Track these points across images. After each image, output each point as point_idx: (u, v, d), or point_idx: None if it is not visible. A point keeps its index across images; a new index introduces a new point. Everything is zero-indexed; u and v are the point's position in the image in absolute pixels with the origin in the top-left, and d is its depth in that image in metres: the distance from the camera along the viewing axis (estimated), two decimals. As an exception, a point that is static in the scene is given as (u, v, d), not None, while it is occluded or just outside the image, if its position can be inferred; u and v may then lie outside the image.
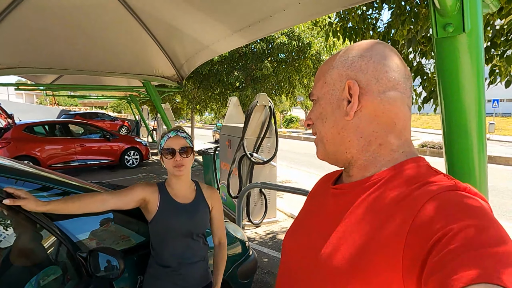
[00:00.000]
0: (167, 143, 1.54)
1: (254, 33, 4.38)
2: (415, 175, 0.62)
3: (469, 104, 1.30)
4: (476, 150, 1.36)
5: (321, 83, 0.72)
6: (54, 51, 6.21)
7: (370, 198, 0.62)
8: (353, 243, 0.58)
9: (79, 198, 1.36)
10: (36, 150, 7.91)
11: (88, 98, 20.25)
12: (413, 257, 0.49)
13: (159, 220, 1.54)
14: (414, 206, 0.54)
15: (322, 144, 0.74)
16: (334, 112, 0.69)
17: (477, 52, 1.24)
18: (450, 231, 0.47)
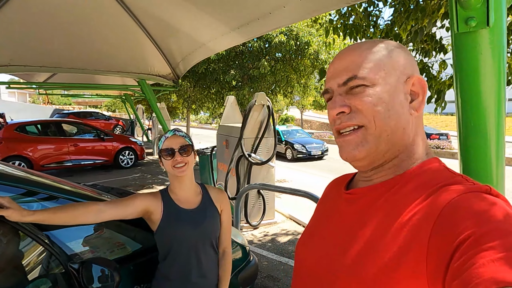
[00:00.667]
0: (165, 143, 1.45)
1: (253, 31, 4.28)
2: (434, 177, 0.60)
3: (488, 104, 1.22)
4: (494, 153, 1.28)
5: (375, 67, 0.63)
6: (47, 49, 6.08)
7: (388, 202, 0.60)
8: (374, 251, 0.56)
9: (71, 208, 1.25)
10: (28, 150, 7.74)
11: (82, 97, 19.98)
12: (436, 261, 0.48)
13: (163, 229, 1.43)
14: (435, 209, 0.52)
15: (375, 139, 0.63)
16: (401, 105, 0.63)
17: (500, 48, 1.16)
18: (473, 234, 0.45)
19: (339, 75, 0.65)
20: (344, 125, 0.64)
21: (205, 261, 1.48)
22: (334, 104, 0.64)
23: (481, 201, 0.50)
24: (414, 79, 0.66)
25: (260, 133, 4.65)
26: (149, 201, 1.44)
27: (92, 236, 1.59)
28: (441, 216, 0.51)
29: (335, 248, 0.64)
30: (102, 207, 1.30)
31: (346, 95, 0.64)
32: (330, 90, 0.67)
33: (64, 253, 1.38)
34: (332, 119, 0.66)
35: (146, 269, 1.60)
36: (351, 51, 0.66)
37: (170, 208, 1.45)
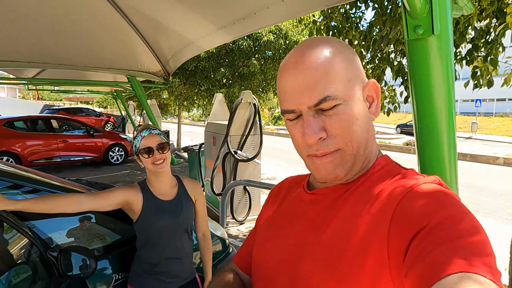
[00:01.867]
0: (143, 142, 1.52)
1: (239, 30, 4.36)
2: (388, 172, 0.63)
3: (439, 105, 1.33)
4: (446, 149, 1.40)
5: (343, 79, 0.59)
6: (36, 45, 6.06)
7: (349, 201, 0.61)
8: (340, 247, 0.57)
9: (52, 198, 1.33)
10: (16, 146, 7.72)
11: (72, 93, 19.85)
12: (396, 254, 0.50)
13: (145, 219, 1.53)
14: (392, 202, 0.54)
15: (352, 158, 0.62)
16: (365, 114, 0.63)
17: (447, 54, 1.27)
18: (428, 223, 0.48)
19: (307, 94, 0.58)
20: (322, 152, 0.60)
21: (180, 246, 1.62)
22: (311, 130, 0.58)
23: (432, 191, 0.53)
24: (370, 84, 0.64)
25: (246, 131, 4.74)
26: (128, 193, 1.53)
27: (73, 227, 1.67)
28: (397, 210, 0.53)
29: (301, 247, 0.63)
30: (82, 198, 1.38)
31: (319, 116, 0.59)
32: (297, 110, 0.60)
33: (44, 242, 1.45)
34: (307, 145, 0.61)
35: (124, 259, 1.68)
36: (311, 62, 0.58)
37: (150, 200, 1.55)
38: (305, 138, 0.59)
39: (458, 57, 2.99)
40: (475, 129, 18.11)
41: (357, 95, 0.61)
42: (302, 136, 0.60)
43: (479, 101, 20.38)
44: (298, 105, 0.59)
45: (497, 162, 10.69)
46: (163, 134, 1.60)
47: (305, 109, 0.59)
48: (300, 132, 0.61)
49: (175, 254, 1.59)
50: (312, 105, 0.58)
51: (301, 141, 0.62)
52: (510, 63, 2.95)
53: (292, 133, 0.64)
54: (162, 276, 1.57)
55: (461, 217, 0.48)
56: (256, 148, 4.84)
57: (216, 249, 2.35)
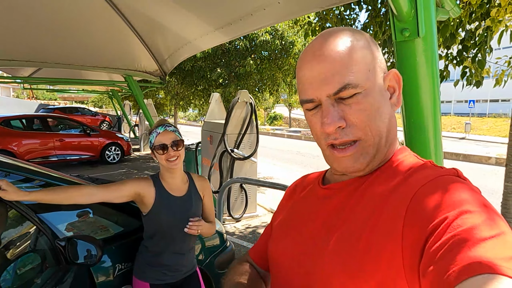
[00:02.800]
0: (158, 138, 1.55)
1: (236, 31, 4.44)
2: (406, 164, 0.61)
3: (425, 103, 1.43)
4: (432, 145, 1.49)
5: (363, 68, 0.58)
6: (32, 44, 6.09)
7: (365, 195, 0.60)
8: (354, 243, 0.55)
9: (65, 189, 1.39)
10: (13, 145, 7.73)
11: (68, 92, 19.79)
12: (411, 249, 0.48)
13: (155, 213, 1.58)
14: (406, 197, 0.52)
15: (373, 148, 0.61)
16: (386, 104, 0.62)
17: (432, 55, 1.36)
18: (446, 219, 0.45)
19: (326, 83, 0.58)
20: (341, 141, 0.59)
21: (186, 241, 1.67)
22: (330, 119, 0.58)
23: (450, 185, 0.50)
24: (392, 74, 0.64)
25: (243, 130, 4.82)
26: (141, 185, 1.57)
27: (79, 219, 1.74)
28: (411, 205, 0.51)
29: (315, 243, 0.62)
30: (93, 190, 1.44)
31: (339, 105, 0.59)
32: (316, 99, 0.60)
33: (53, 232, 1.52)
34: (325, 134, 0.61)
35: (127, 250, 1.75)
36: (331, 50, 0.58)
37: (162, 194, 1.61)
38: (324, 127, 0.59)
39: (449, 58, 3.09)
40: (469, 130, 18.34)
41: (378, 84, 0.60)
42: (321, 125, 0.59)
43: (472, 102, 20.64)
44: (318, 94, 0.59)
45: (490, 161, 10.87)
46: (178, 131, 1.64)
47: (324, 98, 0.59)
48: (319, 121, 0.60)
49: (180, 249, 1.65)
50: (331, 93, 0.58)
51: (320, 130, 0.61)
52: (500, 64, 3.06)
53: (311, 123, 0.63)
54: (165, 268, 1.62)
55: (481, 212, 0.45)
56: (252, 146, 4.92)
57: (213, 243, 2.43)
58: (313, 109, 0.62)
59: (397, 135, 0.67)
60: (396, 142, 0.66)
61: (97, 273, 1.61)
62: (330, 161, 0.65)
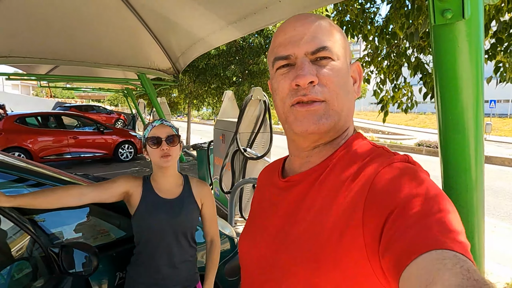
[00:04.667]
0: (152, 131, 1.43)
1: (250, 25, 4.29)
2: (362, 151, 0.62)
3: (466, 97, 1.23)
4: (473, 147, 1.29)
5: (338, 43, 0.63)
6: (47, 42, 6.11)
7: (325, 184, 0.61)
8: (315, 233, 0.56)
9: (52, 191, 1.27)
10: (28, 142, 7.78)
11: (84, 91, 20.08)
12: (371, 234, 0.50)
13: (140, 215, 1.43)
14: (364, 184, 0.54)
15: (336, 115, 0.62)
16: (351, 86, 0.66)
17: (477, 41, 1.16)
18: (398, 205, 0.48)
19: (306, 42, 0.60)
20: (309, 97, 0.60)
21: (177, 253, 1.47)
22: (306, 71, 0.59)
23: (403, 172, 0.53)
24: (355, 65, 0.69)
25: (256, 128, 4.66)
26: (130, 183, 1.44)
27: (78, 222, 1.61)
28: (371, 191, 0.53)
29: (277, 236, 0.63)
30: (83, 190, 1.31)
31: (313, 65, 0.60)
32: (292, 56, 0.61)
33: (48, 238, 1.40)
34: (293, 90, 0.61)
35: (128, 257, 1.62)
36: (314, 20, 0.62)
37: (149, 195, 1.45)
38: (297, 78, 0.59)
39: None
40: (489, 131, 17.70)
41: (346, 66, 0.64)
42: (294, 79, 0.60)
43: (493, 102, 19.92)
44: (296, 51, 0.61)
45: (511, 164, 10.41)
46: (175, 127, 1.50)
47: (301, 55, 0.60)
48: (290, 79, 0.61)
49: (168, 260, 1.45)
50: (309, 51, 0.60)
51: (288, 88, 0.61)
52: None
53: (278, 84, 0.63)
54: (158, 280, 1.44)
55: (431, 195, 0.48)
56: (266, 146, 4.75)
57: (224, 247, 2.28)
58: (285, 67, 0.63)
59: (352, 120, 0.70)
60: (352, 127, 0.69)
61: (95, 281, 1.48)
62: (290, 121, 0.63)
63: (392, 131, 20.07)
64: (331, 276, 0.53)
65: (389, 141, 14.81)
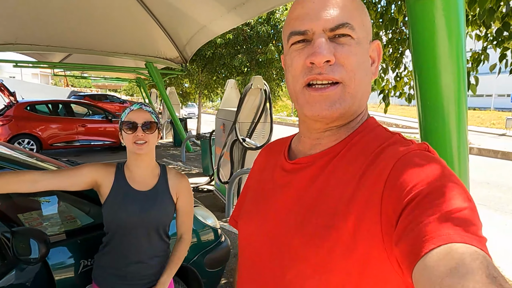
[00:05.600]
0: (129, 116, 1.33)
1: (250, 11, 4.18)
2: (376, 137, 0.60)
3: (446, 79, 1.10)
4: (455, 135, 1.17)
5: (360, 22, 0.59)
6: (53, 29, 6.15)
7: (338, 168, 0.58)
8: (329, 218, 0.54)
9: (2, 176, 1.20)
10: (37, 129, 7.91)
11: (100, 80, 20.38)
12: (388, 223, 0.49)
13: (109, 205, 1.35)
14: (384, 170, 0.52)
15: (351, 98, 0.58)
16: (369, 66, 0.62)
17: (456, 16, 1.03)
18: (419, 193, 0.46)
19: (326, 17, 0.55)
20: (325, 76, 0.56)
21: (146, 247, 1.39)
22: (322, 49, 0.54)
23: (423, 160, 0.51)
24: (375, 44, 0.64)
25: (256, 118, 4.56)
26: (99, 172, 1.36)
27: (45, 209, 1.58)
28: (390, 177, 0.51)
29: (287, 220, 0.61)
30: (37, 176, 1.23)
31: (331, 43, 0.56)
32: (309, 32, 0.56)
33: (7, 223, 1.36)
34: (308, 68, 0.57)
35: (95, 245, 1.57)
36: None
37: (120, 185, 1.37)
38: (313, 56, 0.55)
39: (489, 39, 2.67)
40: (510, 126, 16.99)
41: (366, 44, 0.60)
42: (308, 57, 0.56)
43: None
44: (313, 26, 0.56)
45: (532, 160, 9.96)
46: (156, 114, 1.41)
47: (319, 31, 0.56)
48: (305, 56, 0.57)
49: (136, 255, 1.38)
50: (328, 27, 0.56)
51: (302, 65, 0.58)
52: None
53: (292, 60, 0.59)
54: (119, 274, 1.37)
55: (451, 187, 0.46)
56: (266, 136, 4.66)
57: (208, 238, 2.22)
58: (300, 43, 0.58)
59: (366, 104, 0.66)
60: (367, 110, 0.66)
61: (57, 269, 1.43)
62: (301, 103, 0.60)
63: (406, 125, 19.55)
64: (344, 262, 0.52)
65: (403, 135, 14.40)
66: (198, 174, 6.95)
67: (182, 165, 7.80)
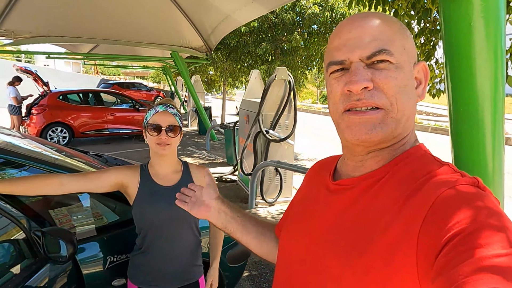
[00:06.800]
0: (154, 118, 1.37)
1: (274, 0, 4.09)
2: (422, 165, 0.58)
3: (482, 84, 1.03)
4: (489, 142, 1.09)
5: (400, 46, 0.58)
6: (82, 21, 6.31)
7: (379, 195, 0.57)
8: (364, 245, 0.54)
9: (31, 179, 1.27)
10: (69, 118, 8.24)
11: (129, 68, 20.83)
12: (425, 257, 0.47)
13: (138, 204, 1.40)
14: (425, 202, 0.51)
15: (394, 123, 0.58)
16: (414, 90, 0.61)
17: (496, 18, 0.95)
18: (462, 231, 0.44)
19: (362, 45, 0.57)
20: (364, 102, 0.57)
21: (178, 241, 1.44)
22: (359, 76, 0.56)
23: (470, 196, 0.49)
24: (421, 65, 0.63)
25: (280, 109, 4.51)
26: (124, 174, 1.41)
27: (75, 205, 1.64)
28: (431, 211, 0.49)
29: (325, 241, 0.62)
30: (64, 179, 1.28)
31: (369, 69, 0.57)
32: (347, 61, 0.58)
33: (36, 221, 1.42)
34: (346, 96, 0.58)
35: (121, 241, 1.62)
36: (372, 20, 0.59)
37: (146, 183, 1.42)
38: (350, 84, 0.56)
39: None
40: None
41: (408, 67, 0.59)
42: (345, 85, 0.57)
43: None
44: (350, 55, 0.57)
45: None
46: (179, 116, 1.44)
47: (356, 59, 0.57)
48: (343, 83, 0.58)
49: (168, 249, 1.43)
50: (365, 56, 0.57)
51: (340, 92, 0.59)
52: None
53: (331, 87, 0.61)
54: (153, 271, 1.43)
55: (499, 229, 0.44)
56: (289, 128, 4.61)
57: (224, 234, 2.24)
58: (339, 71, 0.60)
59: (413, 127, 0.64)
60: (413, 135, 0.64)
61: (85, 265, 1.49)
62: (342, 128, 0.61)
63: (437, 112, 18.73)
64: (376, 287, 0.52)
65: (433, 123, 13.87)
66: (222, 163, 7.02)
67: (206, 154, 7.91)
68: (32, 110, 7.94)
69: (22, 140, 1.85)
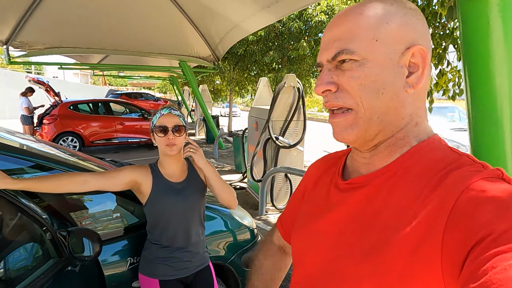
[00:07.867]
0: (160, 120, 1.50)
1: (283, 9, 4.16)
2: (440, 158, 0.55)
3: (500, 83, 1.05)
4: (509, 141, 1.11)
5: (368, 39, 0.55)
6: (93, 33, 6.46)
7: (394, 194, 0.55)
8: (382, 245, 0.52)
9: (56, 177, 1.32)
10: (80, 127, 8.35)
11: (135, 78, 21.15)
12: (452, 257, 0.45)
13: (153, 201, 1.51)
14: (448, 198, 0.48)
15: (365, 122, 0.57)
16: (395, 81, 0.56)
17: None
18: (492, 232, 0.42)
19: (328, 48, 0.58)
20: (330, 104, 0.59)
21: (191, 230, 1.57)
22: (321, 81, 0.58)
23: (497, 190, 0.46)
24: (414, 49, 0.56)
25: (289, 116, 4.55)
26: (137, 173, 1.51)
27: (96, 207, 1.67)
28: (455, 207, 0.47)
29: (339, 244, 0.60)
30: (87, 177, 1.36)
31: (335, 70, 0.58)
32: (321, 65, 0.61)
33: (60, 221, 1.45)
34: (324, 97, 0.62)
35: (141, 243, 1.65)
36: (343, 17, 0.58)
37: (160, 181, 1.53)
38: (315, 88, 0.60)
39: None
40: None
41: (386, 57, 0.55)
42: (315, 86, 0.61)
43: None
44: (321, 59, 0.60)
45: None
46: (183, 117, 1.56)
47: (325, 62, 0.59)
48: (316, 84, 0.61)
49: (185, 239, 1.55)
50: (329, 58, 0.58)
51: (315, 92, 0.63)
52: None
53: None
54: (172, 262, 1.52)
55: None
56: (299, 134, 4.63)
57: (244, 237, 2.25)
58: None
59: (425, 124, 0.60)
60: (422, 127, 0.60)
61: (106, 265, 1.52)
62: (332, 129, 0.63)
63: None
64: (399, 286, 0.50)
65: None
66: (230, 171, 7.05)
67: (214, 162, 7.94)
68: (44, 120, 8.08)
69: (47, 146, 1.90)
